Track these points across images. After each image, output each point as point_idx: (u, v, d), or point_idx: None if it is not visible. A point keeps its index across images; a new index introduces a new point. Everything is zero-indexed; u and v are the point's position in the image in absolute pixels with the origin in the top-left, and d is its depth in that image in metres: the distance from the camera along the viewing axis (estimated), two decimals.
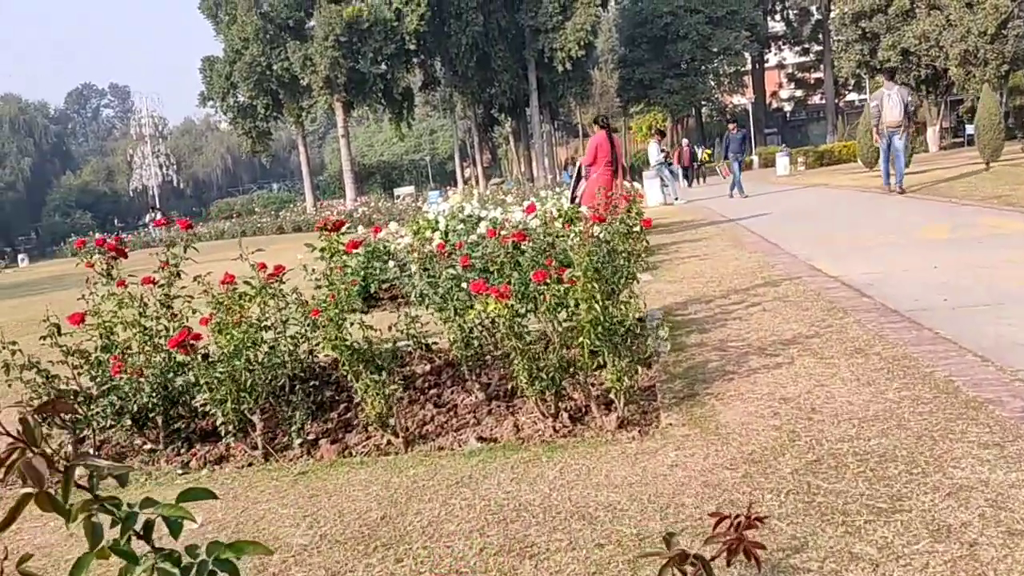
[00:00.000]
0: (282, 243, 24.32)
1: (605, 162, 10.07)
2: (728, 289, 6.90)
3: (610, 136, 10.16)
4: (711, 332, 5.41)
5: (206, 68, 47.76)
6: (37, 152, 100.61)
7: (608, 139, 10.12)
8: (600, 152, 10.10)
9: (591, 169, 10.18)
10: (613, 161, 10.06)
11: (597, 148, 10.12)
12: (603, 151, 10.09)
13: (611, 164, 10.06)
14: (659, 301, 6.73)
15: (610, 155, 10.06)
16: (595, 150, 10.09)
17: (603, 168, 10.07)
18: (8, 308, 14.30)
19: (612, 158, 10.05)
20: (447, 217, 11.61)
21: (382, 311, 8.33)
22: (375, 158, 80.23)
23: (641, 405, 4.10)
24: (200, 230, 39.58)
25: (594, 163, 10.10)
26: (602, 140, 10.17)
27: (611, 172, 10.10)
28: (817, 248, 8.92)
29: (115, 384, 4.07)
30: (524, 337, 3.78)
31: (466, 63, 45.43)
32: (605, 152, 10.08)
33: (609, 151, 10.07)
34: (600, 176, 10.07)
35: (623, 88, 53.98)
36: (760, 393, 3.99)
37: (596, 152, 10.09)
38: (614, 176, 10.13)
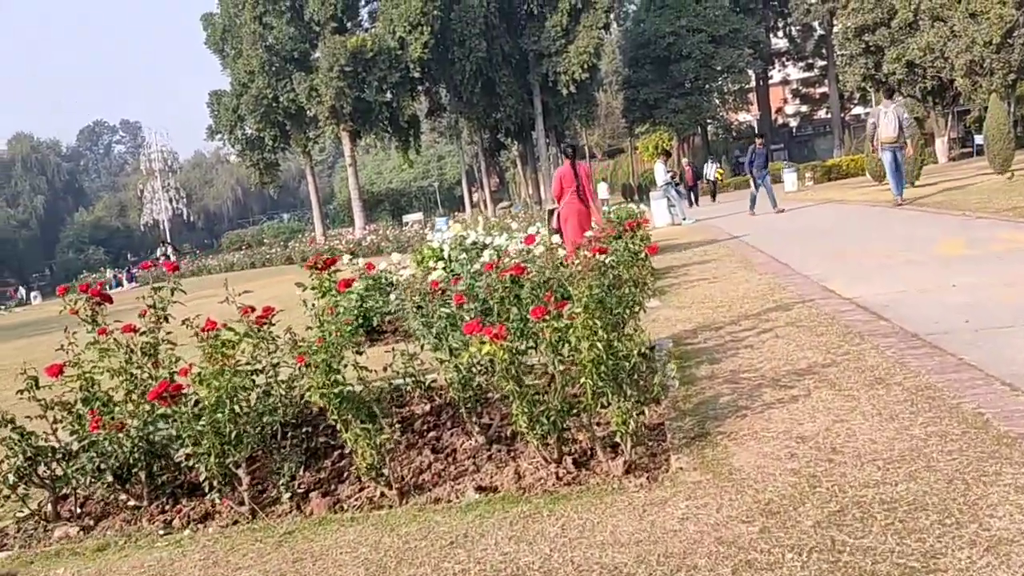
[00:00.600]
0: (290, 274, 24.21)
1: (571, 191, 10.00)
2: (739, 314, 6.66)
3: (574, 165, 10.11)
4: (722, 362, 5.17)
5: (213, 102, 48.07)
6: (50, 190, 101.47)
7: (572, 168, 10.07)
8: (565, 182, 10.08)
9: (560, 200, 10.13)
10: (578, 188, 9.97)
11: (561, 179, 10.12)
12: (567, 181, 10.07)
13: (577, 191, 9.97)
14: (668, 329, 6.50)
15: (575, 183, 9.98)
16: (559, 182, 10.08)
17: (569, 197, 10.01)
18: (11, 351, 14.19)
19: (576, 186, 9.97)
20: (451, 246, 11.44)
21: (384, 345, 8.13)
22: (384, 185, 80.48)
23: (649, 447, 3.86)
24: (210, 262, 39.64)
25: (561, 194, 10.06)
26: (566, 171, 10.16)
27: (578, 200, 10.01)
28: (830, 267, 8.67)
29: (93, 440, 3.87)
30: (523, 380, 3.56)
31: (471, 89, 45.54)
32: (570, 181, 10.05)
33: (573, 179, 10.01)
34: (566, 205, 10.02)
35: (628, 109, 53.94)
36: (775, 431, 3.75)
37: (561, 183, 10.08)
38: (582, 203, 10.03)
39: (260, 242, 58.62)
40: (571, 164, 10.04)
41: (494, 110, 48.48)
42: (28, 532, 3.89)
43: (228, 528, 3.63)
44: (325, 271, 4.49)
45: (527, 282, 4.48)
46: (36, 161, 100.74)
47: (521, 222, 18.40)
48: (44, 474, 3.96)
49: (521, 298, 4.49)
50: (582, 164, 10.24)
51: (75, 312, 4.74)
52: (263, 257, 36.37)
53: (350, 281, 4.45)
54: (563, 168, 10.15)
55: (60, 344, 4.19)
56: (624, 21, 54.95)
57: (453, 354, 4.13)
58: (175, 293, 4.86)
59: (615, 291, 5.09)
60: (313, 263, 4.51)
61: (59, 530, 3.84)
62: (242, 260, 37.37)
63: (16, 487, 3.76)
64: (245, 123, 46.86)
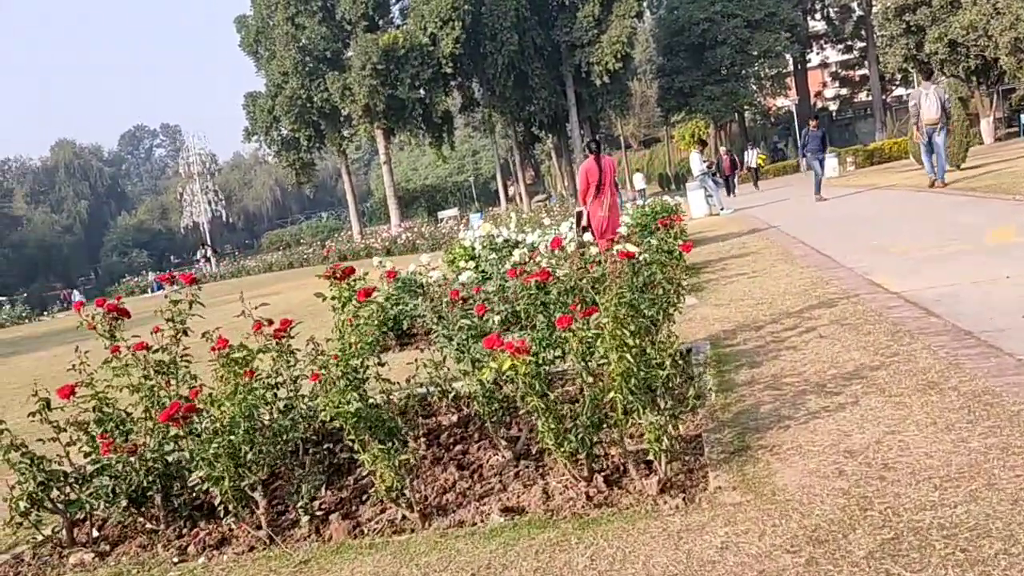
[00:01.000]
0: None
1: (595, 187, 9.70)
2: (780, 312, 6.38)
3: (599, 159, 9.78)
4: (763, 366, 4.91)
5: (249, 104, 48.42)
6: (93, 195, 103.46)
7: (596, 163, 9.75)
8: (590, 178, 9.76)
9: (586, 198, 9.83)
10: (600, 184, 9.66)
11: (587, 174, 9.80)
12: (592, 176, 9.76)
13: (598, 187, 9.68)
14: (705, 329, 6.24)
15: (599, 178, 9.68)
16: (585, 178, 9.77)
17: (594, 194, 9.72)
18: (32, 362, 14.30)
19: (599, 182, 9.66)
20: (482, 245, 11.26)
21: (415, 349, 7.97)
22: (419, 182, 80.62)
23: (686, 462, 3.63)
24: (249, 263, 39.92)
25: (587, 191, 9.76)
26: (590, 166, 9.83)
27: (605, 195, 9.71)
28: (875, 259, 8.33)
29: (106, 463, 3.74)
30: (549, 394, 3.36)
31: (503, 83, 45.30)
32: (595, 176, 9.73)
33: (598, 174, 9.70)
34: (593, 203, 9.73)
35: (663, 98, 53.34)
36: (822, 444, 3.50)
37: (587, 179, 9.77)
38: (600, 199, 9.73)
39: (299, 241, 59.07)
40: (596, 159, 9.77)
41: (527, 103, 48.21)
42: (43, 559, 3.78)
43: (243, 555, 3.48)
44: (344, 280, 4.30)
45: (554, 288, 4.27)
46: (79, 167, 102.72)
47: (555, 216, 18.18)
48: (58, 498, 3.84)
49: (548, 305, 4.28)
50: (607, 158, 9.95)
51: (92, 327, 4.64)
52: (300, 257, 36.53)
53: (370, 291, 4.26)
54: (588, 163, 9.87)
55: (71, 363, 4.06)
56: (657, 8, 54.28)
57: (476, 366, 3.93)
58: (193, 306, 4.73)
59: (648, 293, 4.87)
60: (331, 273, 4.33)
61: (74, 556, 3.72)
62: (280, 260, 37.56)
63: (28, 513, 3.64)
64: (280, 124, 47.12)
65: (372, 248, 31.83)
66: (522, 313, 4.76)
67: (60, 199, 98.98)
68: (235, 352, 3.73)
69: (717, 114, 50.59)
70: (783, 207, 19.50)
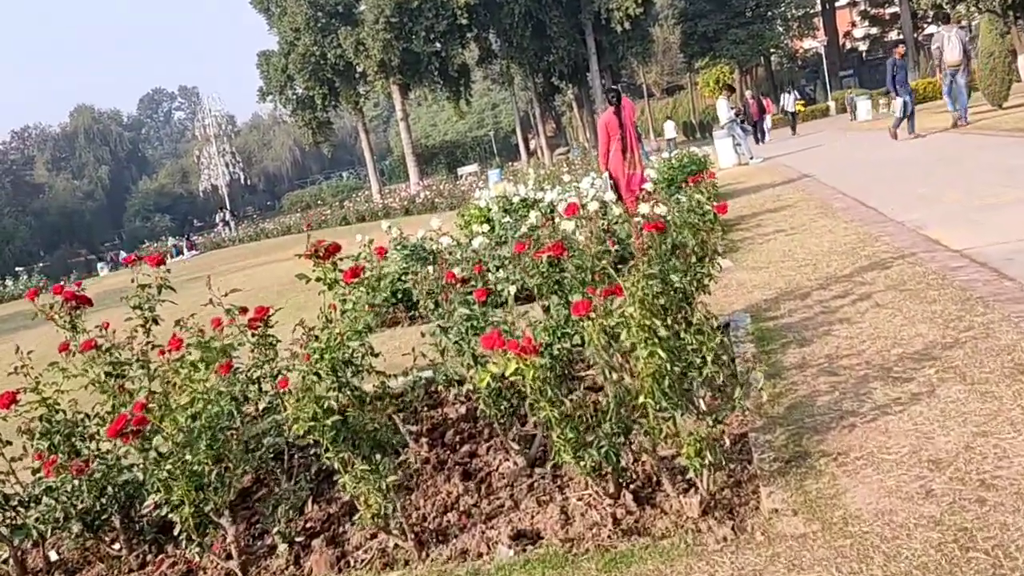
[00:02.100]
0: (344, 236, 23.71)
1: (617, 140, 9.07)
2: (827, 276, 5.71)
3: (618, 111, 9.10)
4: (814, 343, 4.27)
5: (262, 62, 47.61)
6: (114, 159, 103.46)
7: (616, 115, 9.07)
8: (611, 131, 9.15)
9: (608, 155, 9.18)
10: (623, 137, 8.99)
11: (607, 127, 9.15)
12: (613, 130, 9.15)
13: (622, 140, 9.08)
14: (743, 297, 5.60)
15: (619, 131, 9.01)
16: (605, 132, 9.12)
17: (616, 149, 9.14)
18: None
19: (621, 135, 8.98)
20: (498, 205, 10.63)
21: (425, 323, 7.40)
22: (439, 138, 79.62)
23: (732, 472, 3.04)
24: (268, 226, 39.50)
25: (608, 142, 9.11)
26: (609, 119, 9.20)
27: (622, 149, 9.11)
28: (926, 211, 7.59)
29: (49, 485, 3.21)
30: (564, 402, 2.76)
31: (521, 33, 44.10)
32: (615, 130, 9.11)
33: (618, 127, 9.06)
34: (615, 156, 9.16)
35: (686, 43, 51.81)
36: (897, 451, 2.88)
37: (607, 133, 9.12)
38: (624, 153, 9.06)
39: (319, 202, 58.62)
40: (615, 111, 9.13)
41: (546, 53, 46.92)
42: None
43: None
44: (328, 259, 3.71)
45: (570, 263, 3.64)
46: (98, 132, 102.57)
47: (576, 171, 17.43)
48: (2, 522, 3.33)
49: (562, 284, 3.66)
50: (627, 107, 9.26)
51: (51, 318, 4.10)
52: (318, 218, 35.97)
53: (358, 271, 3.67)
54: (606, 116, 9.26)
55: (14, 365, 3.52)
56: None
57: (478, 362, 3.34)
58: (163, 291, 4.17)
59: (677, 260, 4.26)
60: (313, 251, 3.74)
61: None
62: (298, 223, 37.04)
63: None
64: (295, 83, 46.32)
65: (390, 208, 31.20)
66: (535, 291, 4.16)
67: (81, 165, 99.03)
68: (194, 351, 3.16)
69: (742, 58, 49.11)
70: (816, 154, 18.60)
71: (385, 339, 6.88)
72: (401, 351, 5.89)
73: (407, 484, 3.56)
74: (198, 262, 29.23)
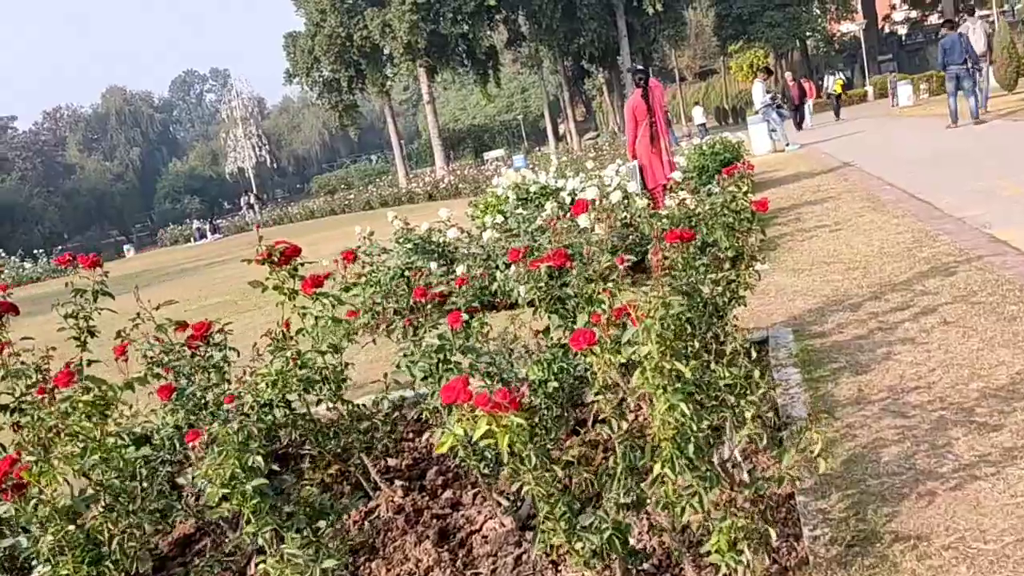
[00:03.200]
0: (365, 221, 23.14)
1: (646, 125, 8.60)
2: (880, 282, 4.96)
3: (646, 94, 8.46)
4: (872, 371, 3.55)
5: (289, 44, 47.05)
6: (145, 141, 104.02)
7: (644, 98, 8.42)
8: (638, 115, 8.66)
9: (635, 136, 8.54)
10: (652, 123, 8.57)
11: (635, 111, 8.61)
12: (640, 113, 8.64)
13: (651, 126, 8.60)
14: (783, 306, 4.87)
15: (648, 116, 8.56)
16: (632, 116, 8.54)
17: (643, 133, 8.64)
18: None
19: (650, 120, 8.55)
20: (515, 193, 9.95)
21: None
22: (468, 121, 78.88)
23: (775, 554, 2.34)
24: (292, 210, 39.10)
25: (636, 127, 8.47)
26: (637, 102, 8.71)
27: (650, 135, 8.62)
28: (985, 205, 6.79)
29: None
30: (556, 470, 2.08)
31: (550, 14, 43.14)
32: (643, 114, 8.62)
33: (647, 112, 8.58)
34: (643, 142, 8.67)
35: (720, 26, 50.46)
36: (998, 539, 2.17)
37: (635, 117, 8.60)
38: (652, 140, 8.60)
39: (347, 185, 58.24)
40: (643, 94, 8.48)
41: (576, 36, 45.90)
42: None
43: None
44: (285, 264, 3.06)
45: (574, 277, 2.94)
46: (129, 113, 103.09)
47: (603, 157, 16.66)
48: None
49: (565, 300, 2.98)
50: (656, 90, 8.63)
51: None
52: (342, 203, 35.45)
53: (320, 280, 3.01)
54: (634, 100, 8.64)
55: None
56: None
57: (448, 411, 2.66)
58: (99, 298, 3.54)
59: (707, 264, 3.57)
60: (266, 255, 3.08)
61: None
62: (322, 207, 36.54)
63: None
64: (321, 65, 45.74)
65: (414, 193, 30.58)
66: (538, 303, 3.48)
67: (112, 147, 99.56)
68: (79, 395, 2.50)
69: (778, 42, 47.73)
70: (856, 141, 17.66)
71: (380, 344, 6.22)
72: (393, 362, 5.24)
73: (371, 543, 2.91)
74: (219, 246, 28.87)
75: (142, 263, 28.01)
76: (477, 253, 6.85)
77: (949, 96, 15.59)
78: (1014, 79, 21.66)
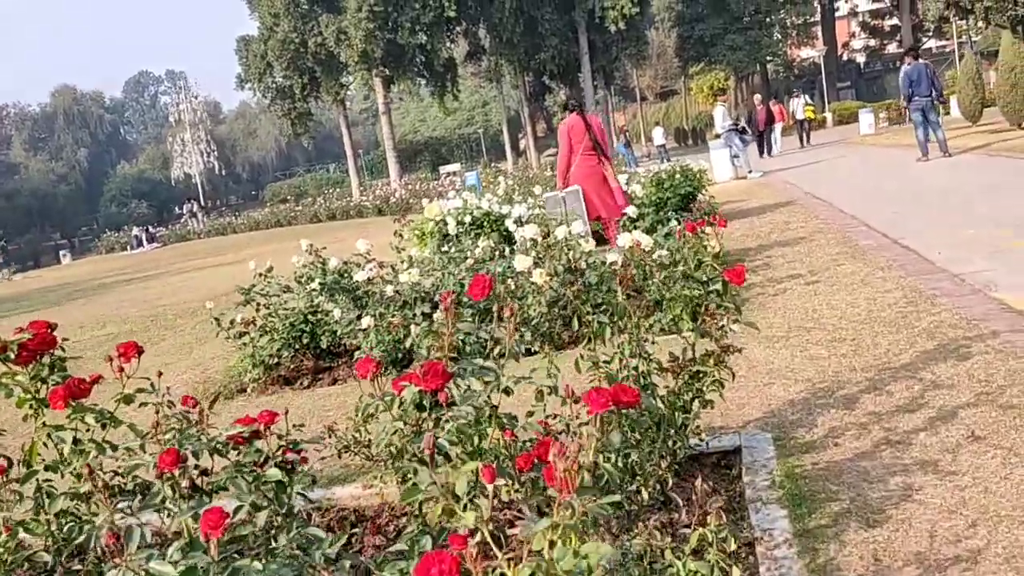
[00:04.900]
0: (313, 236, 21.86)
1: (584, 149, 8.06)
2: (876, 364, 3.99)
3: (584, 118, 8.13)
4: (888, 521, 2.55)
5: (241, 48, 45.57)
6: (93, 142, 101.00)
7: (583, 120, 8.09)
8: (574, 136, 8.07)
9: (568, 162, 7.80)
10: (595, 146, 8.08)
11: (570, 133, 8.10)
12: (577, 135, 8.06)
13: (592, 150, 8.07)
14: (758, 393, 3.87)
15: (588, 138, 8.05)
16: (568, 137, 7.88)
17: (582, 157, 8.07)
18: None
19: (593, 143, 8.06)
20: (455, 217, 8.93)
21: (334, 381, 5.67)
22: (428, 133, 77.82)
23: None
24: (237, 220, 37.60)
25: (571, 153, 8.14)
26: (574, 123, 8.10)
27: (595, 158, 8.07)
28: (985, 259, 5.92)
29: None
30: None
31: (511, 28, 42.29)
32: (580, 136, 8.04)
33: (585, 133, 8.03)
34: (580, 167, 8.08)
35: (681, 47, 50.25)
36: None
37: (569, 139, 8.14)
38: (597, 163, 8.10)
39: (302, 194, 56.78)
40: (580, 115, 7.79)
41: (537, 51, 45.10)
42: None
43: None
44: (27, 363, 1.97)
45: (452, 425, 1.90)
46: (78, 113, 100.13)
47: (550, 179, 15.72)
48: None
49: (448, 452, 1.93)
50: (593, 117, 7.94)
51: None
52: (288, 214, 34.07)
53: (80, 391, 1.92)
54: (571, 120, 7.93)
55: None
56: None
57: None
58: None
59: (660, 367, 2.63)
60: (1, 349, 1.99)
61: None
62: (268, 218, 35.05)
63: None
64: (274, 71, 44.35)
65: (363, 207, 29.37)
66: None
67: (59, 147, 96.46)
68: None
69: (739, 65, 47.60)
70: (822, 171, 16.96)
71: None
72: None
73: None
74: (154, 256, 27.34)
75: (70, 273, 26.43)
76: (397, 295, 5.77)
77: (917, 128, 14.95)
78: (979, 111, 21.38)
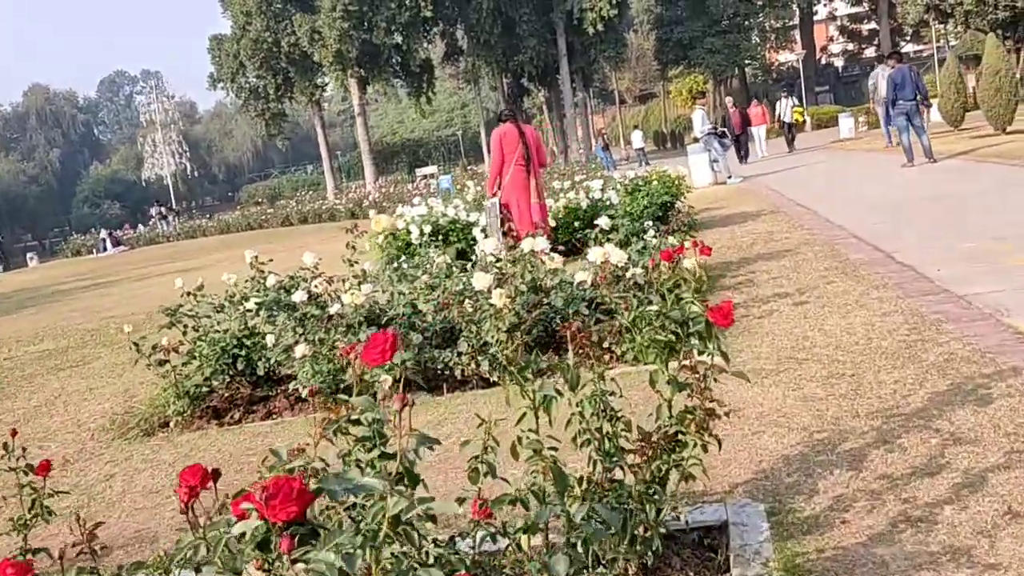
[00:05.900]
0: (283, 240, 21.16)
1: (517, 159, 7.69)
2: (882, 409, 3.43)
3: (519, 127, 7.76)
4: None
5: (214, 47, 44.67)
6: (66, 143, 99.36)
7: (517, 130, 7.71)
8: (507, 146, 7.68)
9: (499, 171, 7.84)
10: (527, 157, 7.70)
11: (502, 142, 7.69)
12: (510, 144, 7.67)
13: (524, 160, 7.71)
14: (746, 445, 3.29)
15: (521, 148, 7.66)
16: (499, 146, 7.79)
17: (514, 168, 7.70)
18: None
19: (526, 154, 7.69)
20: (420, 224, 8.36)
21: (271, 420, 5.04)
22: (406, 135, 77.06)
23: None
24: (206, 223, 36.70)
25: (503, 163, 7.76)
26: (508, 132, 7.71)
27: (525, 169, 7.72)
28: (991, 278, 5.40)
29: None
30: None
31: (489, 29, 41.68)
32: (513, 145, 7.65)
33: (518, 141, 7.64)
34: (513, 178, 7.70)
35: (660, 50, 49.86)
36: None
37: (501, 148, 7.73)
38: (528, 175, 7.74)
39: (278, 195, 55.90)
40: (515, 124, 7.74)
41: (515, 52, 44.53)
42: None
43: None
44: None
45: None
46: (51, 113, 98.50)
47: None
48: None
49: None
50: (528, 127, 7.87)
51: None
52: (259, 217, 33.22)
53: None
54: (504, 128, 7.51)
55: None
56: None
57: None
58: None
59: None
60: None
61: None
62: (238, 221, 34.17)
63: None
64: (247, 70, 43.50)
65: (336, 210, 28.65)
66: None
67: (31, 147, 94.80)
68: None
69: (717, 68, 47.26)
70: (803, 176, 16.51)
71: (182, 454, 4.46)
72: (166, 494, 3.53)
73: None
74: (119, 260, 26.46)
75: (32, 277, 25.52)
76: (339, 318, 5.17)
77: (902, 133, 14.52)
78: (961, 115, 21.06)
